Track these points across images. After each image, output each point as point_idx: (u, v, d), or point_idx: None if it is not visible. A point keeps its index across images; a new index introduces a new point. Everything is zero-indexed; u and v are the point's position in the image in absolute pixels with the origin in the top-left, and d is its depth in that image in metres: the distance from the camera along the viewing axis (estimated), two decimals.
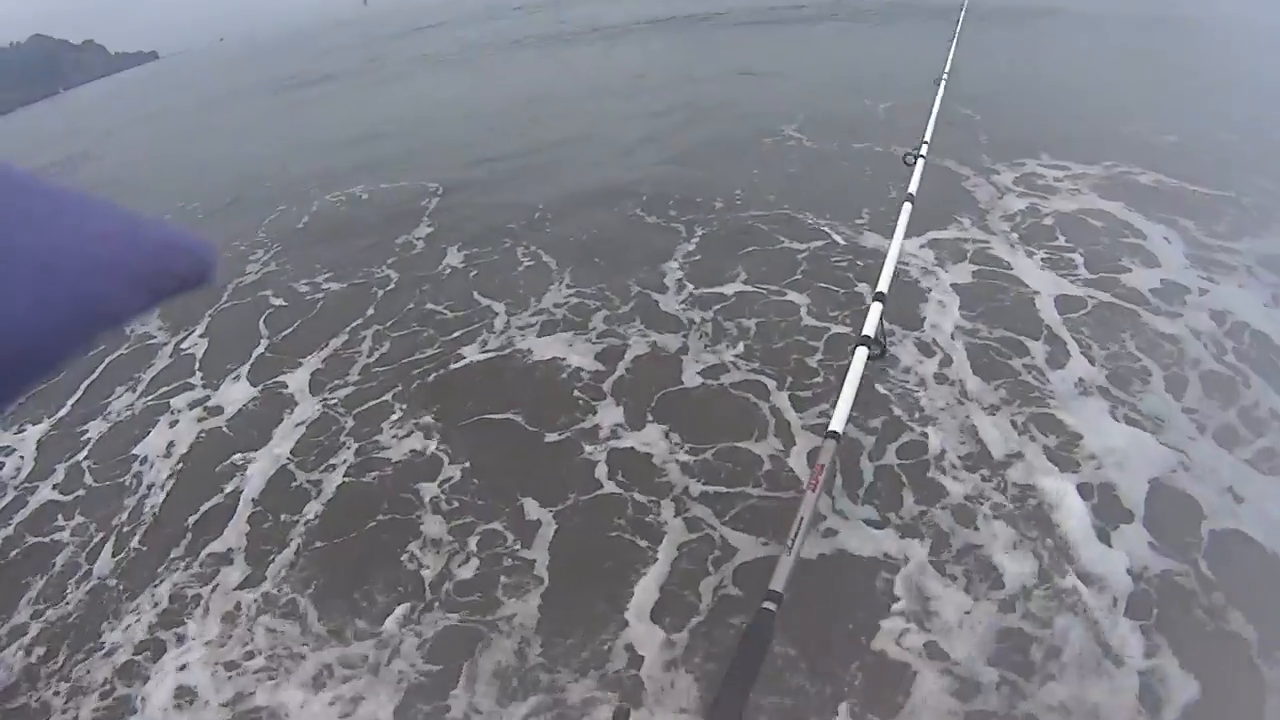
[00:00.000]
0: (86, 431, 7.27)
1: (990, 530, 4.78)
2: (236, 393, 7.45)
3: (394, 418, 6.61)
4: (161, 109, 33.96)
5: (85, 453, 6.95)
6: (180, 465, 6.53)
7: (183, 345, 8.62)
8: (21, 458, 7.12)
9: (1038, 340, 6.56)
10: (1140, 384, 6.01)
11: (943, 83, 6.35)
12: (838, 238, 8.76)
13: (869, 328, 2.90)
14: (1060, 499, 4.95)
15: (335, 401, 6.98)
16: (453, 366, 7.24)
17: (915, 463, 5.35)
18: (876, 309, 2.96)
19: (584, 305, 7.88)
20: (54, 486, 6.57)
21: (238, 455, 6.46)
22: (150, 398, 7.67)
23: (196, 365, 8.12)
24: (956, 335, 6.73)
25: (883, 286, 3.08)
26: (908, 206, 3.72)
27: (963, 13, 8.67)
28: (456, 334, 7.78)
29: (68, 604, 5.29)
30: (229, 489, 6.08)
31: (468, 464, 5.92)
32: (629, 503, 5.36)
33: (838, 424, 2.51)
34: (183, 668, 4.67)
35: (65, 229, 0.43)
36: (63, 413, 7.70)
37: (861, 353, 2.82)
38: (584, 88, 19.52)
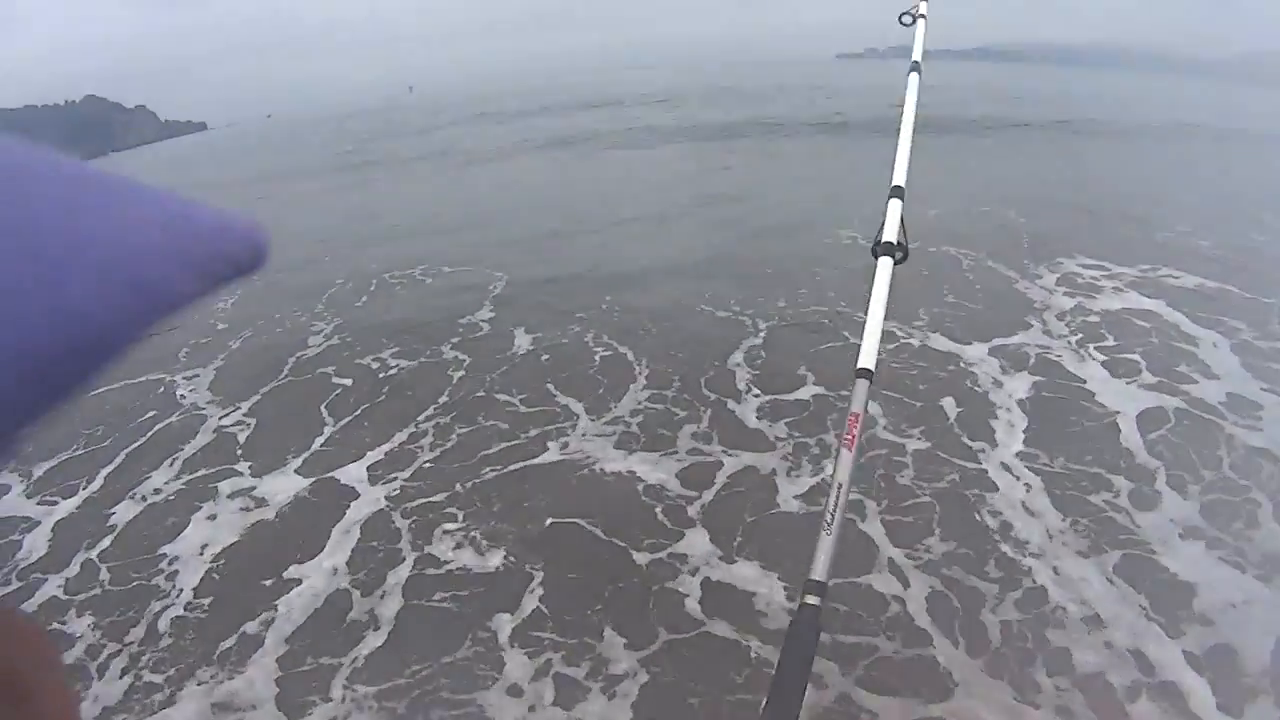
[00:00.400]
0: (113, 515, 6.13)
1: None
2: (286, 484, 6.35)
3: (462, 525, 5.60)
4: (213, 179, 33.30)
5: (108, 542, 5.81)
6: (213, 572, 5.40)
7: (235, 422, 7.49)
8: (38, 538, 5.98)
9: (1119, 473, 5.75)
10: (1244, 521, 5.16)
11: None
12: (900, 340, 8.12)
13: (889, 232, 2.20)
14: (1182, 675, 4.05)
15: (396, 503, 5.94)
16: (524, 470, 6.23)
17: (1033, 618, 4.45)
18: (895, 208, 2.25)
19: (662, 413, 6.93)
20: (66, 581, 5.42)
21: (282, 566, 5.34)
22: (188, 479, 6.55)
23: (241, 449, 7.00)
24: (1030, 459, 5.96)
25: (899, 180, 2.31)
26: (914, 78, 2.79)
27: None
28: (531, 432, 6.78)
29: None
30: (267, 611, 4.94)
31: (541, 590, 4.89)
32: (733, 650, 4.33)
33: (868, 359, 1.94)
34: None
35: (120, 215, 0.38)
36: (94, 486, 6.56)
37: (885, 264, 2.13)
38: (642, 187, 18.66)
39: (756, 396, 7.08)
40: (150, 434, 7.39)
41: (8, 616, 0.43)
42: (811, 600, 1.54)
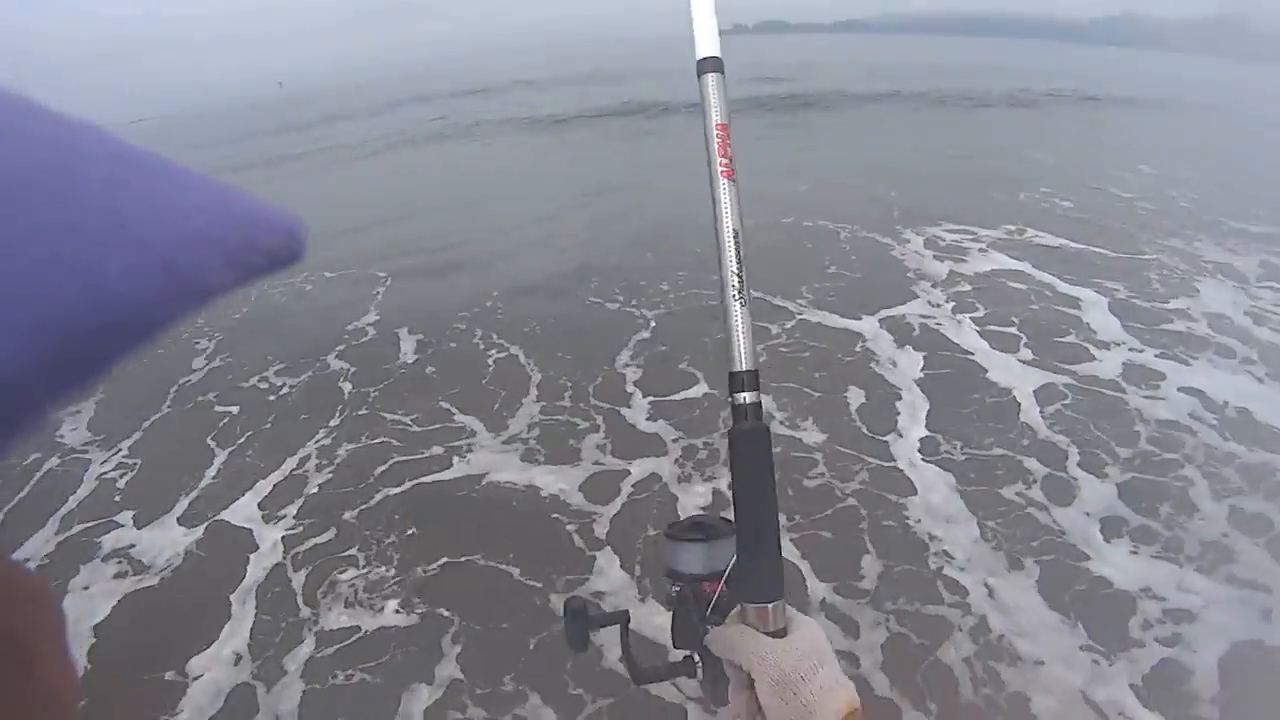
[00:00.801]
0: None
1: None
2: (171, 538, 5.53)
3: (363, 572, 4.95)
4: None
5: None
6: (94, 661, 4.48)
7: (117, 466, 6.60)
8: None
9: (1029, 454, 5.56)
10: (1172, 505, 4.93)
11: None
12: (789, 315, 8.02)
13: None
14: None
15: (290, 548, 5.22)
16: (422, 498, 5.65)
17: (983, 647, 4.02)
18: None
19: (559, 425, 6.44)
20: None
21: (165, 650, 4.50)
22: (66, 539, 5.67)
23: (125, 496, 6.12)
24: (939, 450, 5.74)
25: None
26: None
27: None
28: (427, 452, 6.21)
29: None
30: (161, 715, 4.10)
31: (457, 647, 4.30)
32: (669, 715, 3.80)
33: (710, 44, 1.35)
34: None
35: (161, 196, 0.37)
36: None
37: None
38: (520, 176, 17.84)
39: (647, 400, 6.70)
40: (32, 484, 6.48)
41: (16, 577, 0.41)
42: (747, 398, 1.11)
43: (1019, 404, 6.19)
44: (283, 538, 5.39)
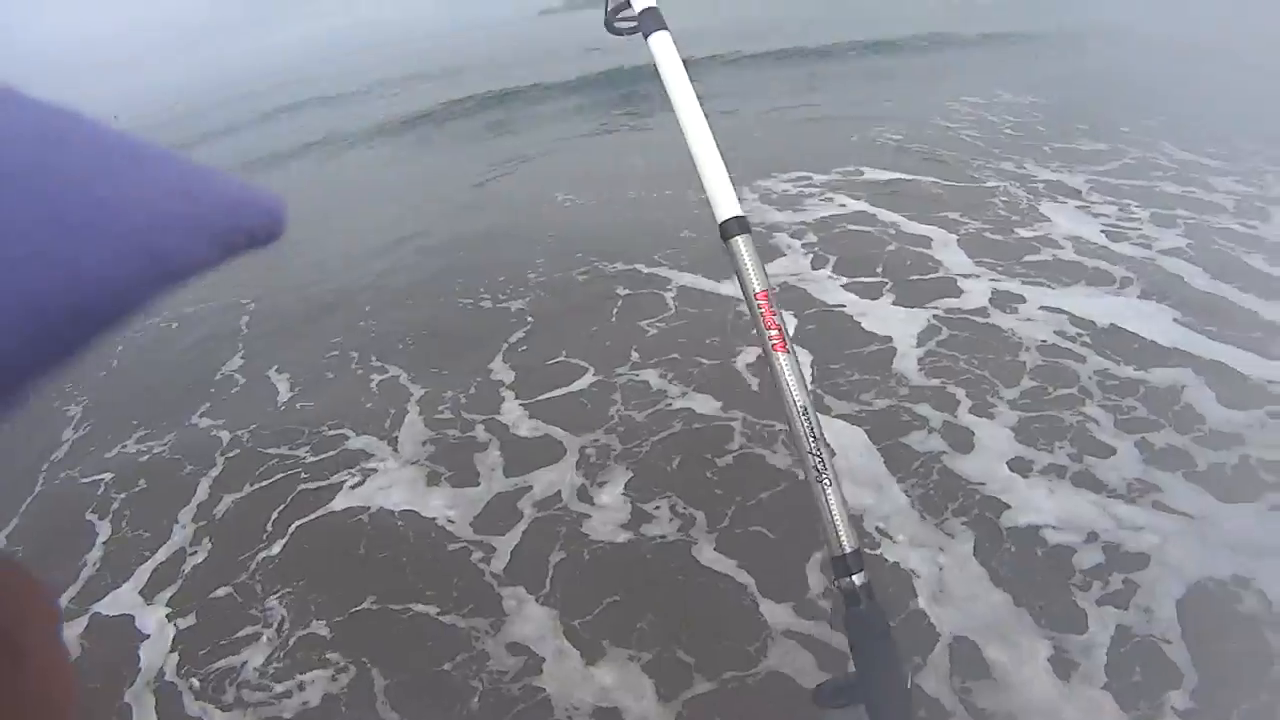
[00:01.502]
0: None
1: None
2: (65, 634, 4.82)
3: (273, 645, 4.37)
4: None
5: None
6: None
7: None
8: None
9: (922, 401, 5.31)
10: (1073, 440, 4.73)
11: None
12: (656, 279, 7.78)
13: None
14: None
15: (185, 640, 4.59)
16: (313, 549, 5.11)
17: (958, 665, 3.51)
18: None
19: (449, 447, 5.90)
20: None
21: None
22: None
23: None
24: (841, 408, 5.40)
25: None
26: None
27: None
28: (318, 484, 5.70)
29: None
30: None
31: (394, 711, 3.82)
32: None
33: (730, 204, 1.40)
34: None
35: (140, 177, 0.37)
36: None
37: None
38: (375, 186, 16.53)
39: (523, 402, 6.26)
40: None
41: (10, 572, 0.40)
42: (857, 580, 1.13)
43: (896, 350, 6.02)
44: (173, 629, 4.77)
